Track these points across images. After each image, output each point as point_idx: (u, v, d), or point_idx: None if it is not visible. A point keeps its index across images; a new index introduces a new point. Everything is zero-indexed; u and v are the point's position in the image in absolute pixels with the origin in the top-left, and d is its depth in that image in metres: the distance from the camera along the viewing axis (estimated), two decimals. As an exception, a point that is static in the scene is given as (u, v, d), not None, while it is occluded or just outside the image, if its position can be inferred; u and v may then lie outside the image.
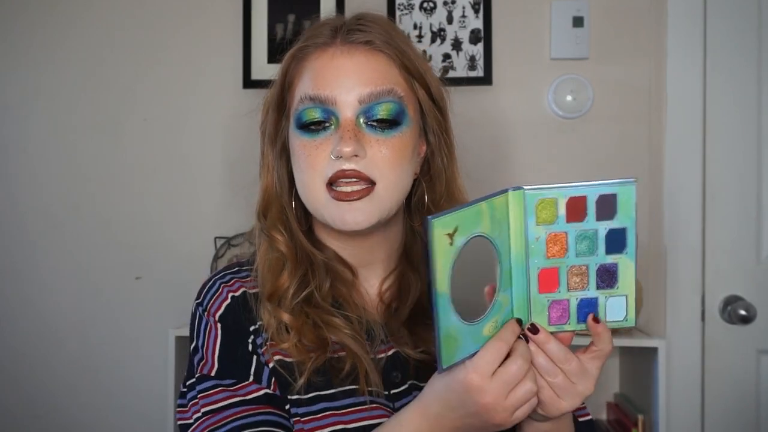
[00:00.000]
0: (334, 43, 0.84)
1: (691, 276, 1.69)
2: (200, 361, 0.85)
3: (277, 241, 0.87)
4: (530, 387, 0.70)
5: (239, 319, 0.85)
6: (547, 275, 0.74)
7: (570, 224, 0.73)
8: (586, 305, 0.75)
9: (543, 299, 0.75)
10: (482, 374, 0.68)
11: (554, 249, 0.74)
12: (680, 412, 1.67)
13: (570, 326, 0.75)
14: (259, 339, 0.84)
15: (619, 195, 0.72)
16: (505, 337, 0.71)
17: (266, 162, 0.90)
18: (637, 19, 1.74)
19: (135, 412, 1.79)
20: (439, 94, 0.90)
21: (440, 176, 0.91)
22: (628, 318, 0.75)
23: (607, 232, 0.73)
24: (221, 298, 0.86)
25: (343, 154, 0.80)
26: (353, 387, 0.82)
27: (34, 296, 1.83)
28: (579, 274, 0.74)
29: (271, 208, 0.89)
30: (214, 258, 1.73)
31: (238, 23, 1.78)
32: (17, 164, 1.84)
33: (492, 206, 0.70)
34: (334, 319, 0.84)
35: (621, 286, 0.74)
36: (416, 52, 0.88)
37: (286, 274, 0.86)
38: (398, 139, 0.83)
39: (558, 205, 0.72)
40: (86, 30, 1.82)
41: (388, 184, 0.83)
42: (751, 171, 1.70)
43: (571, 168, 1.74)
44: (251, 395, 0.82)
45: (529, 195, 0.72)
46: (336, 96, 0.82)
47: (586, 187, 0.72)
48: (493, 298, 0.72)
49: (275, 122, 0.89)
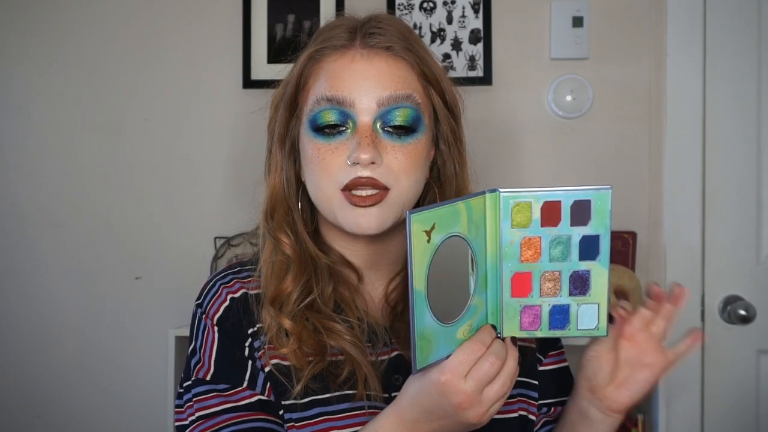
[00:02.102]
0: (353, 45, 0.84)
1: (691, 276, 1.69)
2: (197, 364, 0.85)
3: (283, 243, 0.86)
4: (502, 384, 0.70)
5: (237, 322, 0.85)
6: (520, 279, 0.74)
7: (544, 229, 0.73)
8: (558, 312, 0.74)
9: (515, 303, 0.74)
10: (456, 375, 0.69)
11: (528, 253, 0.73)
12: (680, 412, 1.67)
13: (541, 332, 0.75)
14: (256, 342, 0.84)
15: (594, 201, 0.72)
16: (482, 338, 0.71)
17: (274, 161, 0.89)
18: (637, 19, 1.74)
19: (135, 411, 1.79)
20: (453, 101, 0.89)
21: (451, 183, 0.90)
22: (599, 327, 0.75)
23: (580, 239, 0.73)
24: (220, 300, 0.86)
25: (360, 161, 0.79)
26: (351, 392, 0.82)
27: (34, 296, 1.83)
28: (552, 280, 0.74)
29: (278, 209, 0.88)
30: (214, 258, 1.73)
31: (238, 23, 1.78)
32: (17, 164, 1.84)
33: (469, 207, 0.70)
34: (334, 325, 0.83)
35: (593, 293, 0.74)
36: (433, 59, 0.88)
37: (290, 278, 0.85)
38: (414, 145, 0.83)
39: (533, 209, 0.72)
40: (86, 30, 1.82)
41: (402, 191, 0.82)
42: (751, 171, 1.70)
43: (570, 168, 1.74)
44: (244, 401, 0.82)
45: (504, 198, 0.72)
46: (355, 98, 0.81)
47: (561, 192, 0.72)
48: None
49: (285, 121, 0.88)
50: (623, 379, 0.80)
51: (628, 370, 0.80)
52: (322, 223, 0.90)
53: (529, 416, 0.90)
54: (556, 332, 0.75)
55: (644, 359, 0.80)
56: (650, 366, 0.79)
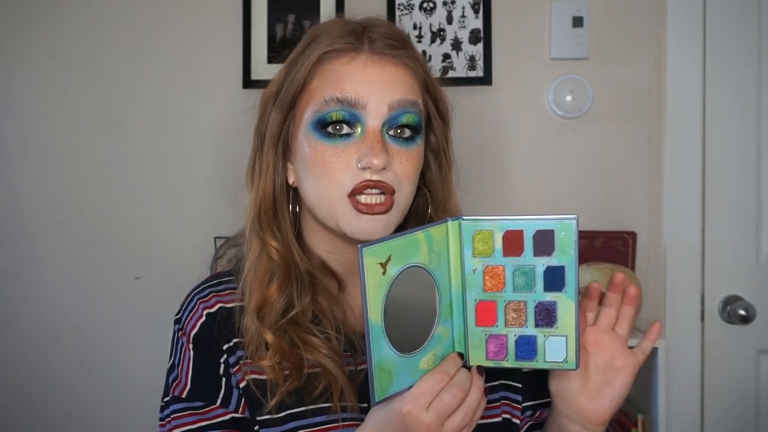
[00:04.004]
0: (362, 50, 0.83)
1: (691, 276, 1.69)
2: (174, 380, 0.87)
3: (271, 248, 0.85)
4: (464, 415, 0.70)
5: (213, 338, 0.85)
6: (484, 308, 0.73)
7: (507, 258, 0.72)
8: (524, 342, 0.73)
9: (480, 332, 0.73)
10: (418, 406, 0.68)
11: (491, 282, 0.72)
12: (680, 412, 1.67)
13: (508, 362, 0.74)
14: (232, 358, 0.84)
15: (558, 231, 0.70)
16: (446, 369, 0.71)
17: (264, 163, 0.87)
18: (637, 19, 1.74)
19: (135, 411, 1.79)
20: (445, 109, 0.90)
21: (437, 189, 0.90)
22: (567, 360, 0.73)
23: (545, 269, 0.71)
24: (196, 316, 0.86)
25: (373, 166, 0.78)
26: (326, 405, 0.82)
27: (34, 296, 1.83)
28: (517, 310, 0.73)
29: (267, 213, 0.87)
30: (214, 258, 1.73)
31: (238, 23, 1.78)
32: (17, 164, 1.84)
33: (429, 236, 0.69)
34: (312, 339, 0.83)
35: (560, 326, 0.72)
36: (428, 66, 0.88)
37: (274, 286, 0.84)
38: (416, 151, 0.83)
39: (495, 238, 0.71)
40: (86, 30, 1.82)
41: (403, 196, 0.82)
42: (751, 171, 1.70)
43: (570, 168, 1.74)
44: (218, 419, 0.83)
45: (465, 226, 0.71)
46: (368, 101, 0.80)
47: (523, 221, 0.71)
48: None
49: (280, 123, 0.86)
50: (597, 388, 0.79)
51: (600, 376, 0.79)
52: (307, 227, 0.89)
53: (513, 420, 0.90)
54: (524, 363, 0.74)
55: (616, 362, 0.79)
56: (623, 368, 0.79)
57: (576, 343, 0.73)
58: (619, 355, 0.79)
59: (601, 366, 0.79)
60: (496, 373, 0.90)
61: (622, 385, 0.78)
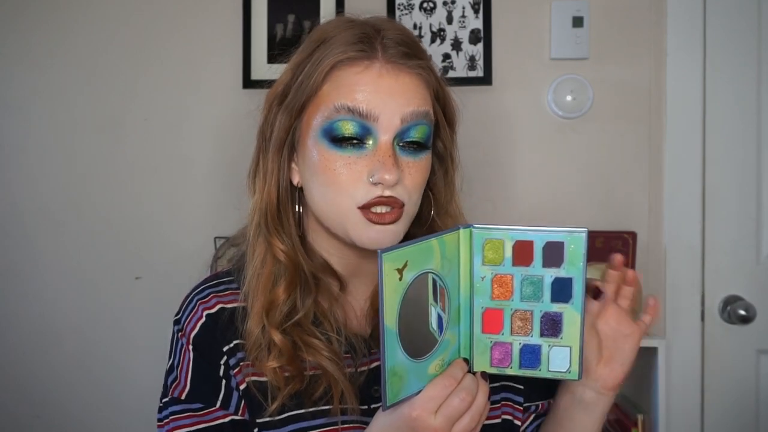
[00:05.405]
0: (375, 58, 0.81)
1: (691, 276, 1.69)
2: (174, 381, 0.86)
3: (277, 250, 0.84)
4: (471, 419, 0.70)
5: (213, 340, 0.84)
6: (491, 316, 0.74)
7: (516, 268, 0.72)
8: (529, 351, 0.74)
9: (486, 339, 0.74)
10: (426, 410, 0.69)
11: (499, 291, 0.73)
12: (680, 412, 1.67)
13: (512, 370, 0.75)
14: (232, 360, 0.84)
15: (568, 244, 0.71)
16: (454, 374, 0.71)
17: (269, 165, 0.85)
18: (637, 19, 1.74)
19: (135, 411, 1.79)
20: (452, 115, 0.89)
21: (440, 193, 0.90)
22: (571, 370, 0.75)
23: (553, 280, 0.72)
24: (196, 317, 0.86)
25: (385, 182, 0.77)
26: (327, 407, 0.82)
27: (34, 296, 1.83)
28: (523, 319, 0.74)
29: (272, 215, 0.86)
30: (214, 258, 1.73)
31: (238, 23, 1.78)
32: (17, 164, 1.84)
33: (443, 243, 0.70)
34: (314, 341, 0.83)
35: (565, 337, 0.73)
36: (438, 71, 0.87)
37: (281, 288, 0.84)
38: (425, 161, 0.83)
39: (505, 247, 0.72)
40: (86, 30, 1.82)
41: (412, 206, 0.82)
42: (751, 171, 1.70)
43: (570, 168, 1.74)
44: (217, 421, 0.83)
45: (476, 234, 0.72)
46: (380, 113, 0.78)
47: (534, 233, 0.72)
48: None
49: (288, 127, 0.84)
50: (610, 354, 0.82)
51: (612, 343, 0.81)
52: (311, 228, 0.88)
53: (514, 421, 0.90)
54: (527, 371, 0.75)
55: (623, 330, 0.81)
56: (630, 335, 0.81)
57: (580, 354, 0.74)
58: (626, 323, 0.81)
59: (610, 334, 0.81)
60: (498, 375, 0.90)
61: (631, 350, 0.81)
